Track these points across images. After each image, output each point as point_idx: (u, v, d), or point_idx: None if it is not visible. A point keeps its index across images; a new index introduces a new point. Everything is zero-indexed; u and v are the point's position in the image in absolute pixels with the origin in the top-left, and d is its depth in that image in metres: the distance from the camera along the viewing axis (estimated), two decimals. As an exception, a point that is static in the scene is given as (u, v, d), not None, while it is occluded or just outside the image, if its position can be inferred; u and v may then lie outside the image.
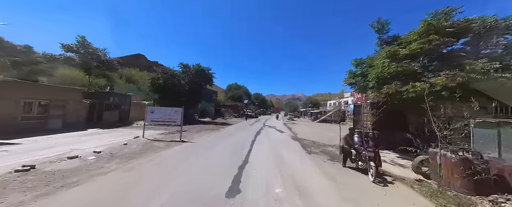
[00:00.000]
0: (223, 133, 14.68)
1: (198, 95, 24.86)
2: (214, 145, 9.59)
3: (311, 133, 18.21)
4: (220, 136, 12.87)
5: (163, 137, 11.34)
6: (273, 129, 20.18)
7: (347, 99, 42.18)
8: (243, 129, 18.63)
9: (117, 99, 17.79)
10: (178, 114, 10.49)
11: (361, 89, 10.65)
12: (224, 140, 11.40)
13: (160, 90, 21.23)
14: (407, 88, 7.35)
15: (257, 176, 5.44)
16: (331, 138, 14.52)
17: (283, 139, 13.38)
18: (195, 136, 12.39)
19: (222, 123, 25.20)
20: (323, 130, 21.29)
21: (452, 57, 7.19)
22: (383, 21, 10.22)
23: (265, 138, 13.30)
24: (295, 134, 16.61)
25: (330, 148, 10.80)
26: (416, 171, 6.12)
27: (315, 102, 75.19)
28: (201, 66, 24.46)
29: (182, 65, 23.96)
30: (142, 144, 8.79)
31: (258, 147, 9.73)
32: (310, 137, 14.97)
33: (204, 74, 24.76)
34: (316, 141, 12.86)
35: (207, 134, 13.71)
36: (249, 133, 15.44)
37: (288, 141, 12.60)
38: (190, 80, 23.73)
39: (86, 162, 5.67)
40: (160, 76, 21.10)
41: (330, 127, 26.83)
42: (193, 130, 15.39)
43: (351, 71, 11.20)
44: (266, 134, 15.79)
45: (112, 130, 13.14)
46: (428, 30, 7.28)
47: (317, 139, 13.99)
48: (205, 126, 19.34)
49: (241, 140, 11.53)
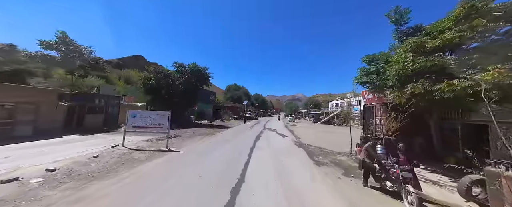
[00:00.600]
0: (219, 138, 13.22)
1: (194, 96, 23.41)
2: (206, 155, 8.12)
3: (316, 137, 16.75)
4: (214, 142, 11.40)
5: (148, 144, 9.87)
6: (274, 133, 18.72)
7: (350, 100, 40.70)
8: (242, 133, 17.17)
9: (104, 101, 16.32)
10: (164, 118, 9.03)
11: (376, 89, 9.20)
12: (218, 147, 9.94)
13: (152, 91, 19.78)
14: (440, 87, 5.92)
15: (256, 205, 3.99)
16: (338, 143, 13.09)
17: (285, 145, 11.92)
18: (186, 142, 10.92)
19: (219, 126, 23.73)
20: (328, 134, 19.82)
21: (502, 48, 5.73)
22: (402, 10, 8.81)
23: (265, 144, 11.84)
24: (298, 138, 15.15)
25: (341, 156, 9.33)
26: (465, 195, 4.66)
27: (316, 103, 73.78)
28: (197, 66, 23.03)
29: (177, 65, 22.51)
30: (118, 156, 7.32)
31: (258, 157, 8.27)
32: (315, 142, 13.51)
33: (200, 74, 23.31)
34: (323, 148, 11.41)
35: (200, 140, 12.24)
36: (248, 138, 13.97)
37: (291, 147, 11.14)
38: (185, 81, 22.29)
39: (24, 188, 4.21)
40: (152, 76, 19.65)
41: (334, 130, 25.38)
42: (185, 135, 13.93)
43: (363, 68, 9.78)
44: (267, 138, 14.33)
45: (93, 136, 11.66)
46: (469, 14, 5.85)
47: (323, 144, 12.53)
48: (200, 130, 17.87)
49: (238, 148, 10.06)
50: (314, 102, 75.12)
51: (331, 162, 8.17)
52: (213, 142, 11.44)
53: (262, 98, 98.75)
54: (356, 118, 32.32)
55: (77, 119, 12.92)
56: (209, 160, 7.32)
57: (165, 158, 7.36)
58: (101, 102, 16.03)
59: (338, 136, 17.69)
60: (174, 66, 22.51)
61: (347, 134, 11.20)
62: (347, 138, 10.85)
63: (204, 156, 7.92)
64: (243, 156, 8.19)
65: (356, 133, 23.56)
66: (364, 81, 9.64)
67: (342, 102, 44.87)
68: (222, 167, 6.57)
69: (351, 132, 11.05)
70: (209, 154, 8.30)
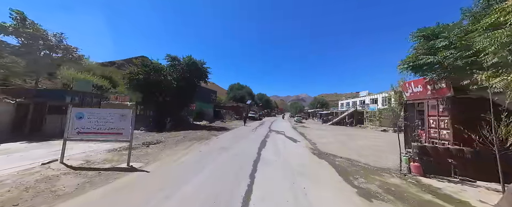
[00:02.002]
0: (213, 145, 10.21)
1: (190, 94, 20.54)
2: (182, 178, 5.12)
3: (335, 141, 13.55)
4: (204, 153, 8.39)
5: (107, 157, 6.94)
6: (282, 136, 15.62)
7: (364, 99, 37.22)
8: (243, 137, 14.13)
9: (79, 98, 13.57)
10: (125, 120, 6.10)
11: (456, 71, 5.92)
12: (206, 162, 6.92)
13: (140, 88, 16.97)
14: None
15: None
16: (369, 151, 9.94)
17: (301, 155, 8.80)
18: (165, 153, 7.94)
19: (218, 128, 20.76)
20: (347, 137, 16.53)
21: None
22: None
23: (273, 154, 8.76)
24: (313, 144, 12.03)
25: (390, 177, 6.17)
26: None
27: (323, 103, 70.19)
28: (193, 59, 20.15)
29: (170, 58, 19.67)
30: (33, 183, 4.39)
31: (264, 181, 5.21)
32: (338, 149, 10.36)
33: (197, 69, 20.42)
34: (354, 160, 8.26)
35: (188, 148, 9.27)
36: (251, 145, 10.93)
37: (310, 160, 8.03)
38: (180, 76, 19.45)
39: None
40: (140, 70, 16.84)
41: (351, 131, 21.93)
42: (171, 140, 10.99)
43: (423, 44, 6.59)
44: (274, 144, 11.25)
45: (45, 143, 8.83)
46: None
47: (351, 154, 9.38)
48: (195, 133, 14.94)
49: (236, 162, 7.02)
50: (321, 102, 71.53)
51: (382, 189, 5.03)
52: (203, 152, 8.43)
53: (266, 98, 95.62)
54: (373, 118, 28.86)
55: (33, 121, 10.13)
56: (183, 192, 4.31)
57: (110, 188, 4.38)
58: (75, 100, 13.27)
59: (363, 140, 14.46)
60: (166, 59, 19.69)
61: (372, 137, 8.05)
62: (375, 141, 7.69)
63: (179, 181, 4.91)
64: (241, 180, 5.14)
65: (378, 135, 20.25)
66: (421, 63, 6.44)
67: (354, 101, 41.39)
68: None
69: (385, 137, 7.90)
70: (188, 177, 5.29)
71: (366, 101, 35.60)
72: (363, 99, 37.20)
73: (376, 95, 32.87)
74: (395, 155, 9.46)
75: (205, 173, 5.64)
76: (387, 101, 29.81)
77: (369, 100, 34.75)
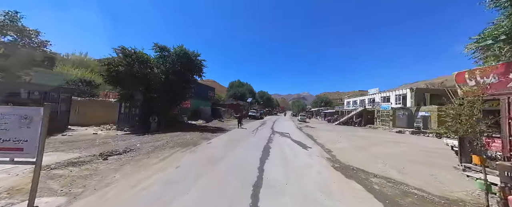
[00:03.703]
0: (200, 155, 7.72)
1: (181, 90, 18.04)
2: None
3: (353, 147, 11.02)
4: (185, 168, 5.89)
5: (17, 183, 4.45)
6: (288, 140, 13.11)
7: (373, 97, 34.57)
8: (242, 142, 11.64)
9: (40, 94, 11.11)
10: (30, 125, 3.54)
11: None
12: (180, 189, 4.42)
13: (120, 82, 14.47)
14: None
15: None
16: (404, 160, 7.35)
17: (319, 173, 6.25)
18: (126, 170, 5.45)
19: (214, 129, 18.29)
20: (366, 141, 13.94)
21: None
22: None
23: (280, 170, 6.25)
24: (329, 152, 9.53)
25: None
26: None
27: (326, 101, 67.51)
28: (185, 49, 17.61)
29: (158, 48, 17.13)
30: None
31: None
32: (364, 161, 7.84)
33: (190, 61, 17.89)
34: (397, 180, 5.72)
35: (163, 160, 6.77)
36: (250, 153, 8.42)
37: (334, 180, 5.50)
38: (169, 69, 16.94)
39: None
40: (120, 60, 14.31)
41: (365, 133, 19.09)
42: (148, 146, 8.51)
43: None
44: (281, 152, 8.74)
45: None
46: None
47: (389, 169, 6.84)
48: (184, 135, 12.48)
49: (228, 188, 4.51)
50: (324, 100, 68.83)
51: None
52: (182, 168, 5.93)
53: (268, 96, 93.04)
54: (386, 118, 26.25)
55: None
56: None
57: None
58: (34, 95, 10.81)
59: (386, 145, 11.89)
60: (153, 49, 17.14)
61: (393, 141, 5.69)
62: (401, 147, 5.22)
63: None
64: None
65: (398, 138, 17.64)
66: None
67: (361, 100, 38.77)
68: None
69: (407, 140, 5.37)
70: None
71: (376, 100, 32.96)
72: (373, 97, 34.55)
73: (388, 93, 30.24)
74: (446, 170, 6.94)
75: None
76: (401, 99, 27.23)
77: (379, 99, 32.10)
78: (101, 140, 9.66)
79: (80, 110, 19.60)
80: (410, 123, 23.87)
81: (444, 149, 11.50)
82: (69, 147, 7.86)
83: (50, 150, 7.04)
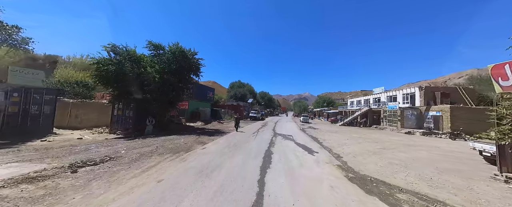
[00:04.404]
0: (190, 164, 6.66)
1: (177, 91, 17.03)
2: None
3: (365, 152, 9.86)
4: (168, 183, 4.84)
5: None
6: (292, 143, 12.01)
7: (379, 96, 33.31)
8: (241, 147, 10.56)
9: (20, 95, 10.14)
10: None
11: None
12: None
13: (111, 82, 13.48)
14: None
15: None
16: (431, 168, 6.14)
17: (332, 188, 5.13)
18: (93, 188, 4.39)
19: (212, 131, 17.25)
20: (378, 144, 12.75)
21: None
22: None
23: (285, 184, 5.17)
24: (339, 158, 8.42)
25: None
26: None
27: (329, 101, 66.21)
28: (181, 47, 16.61)
29: (152, 46, 16.14)
30: None
31: None
32: (383, 170, 6.72)
33: (186, 59, 16.88)
34: (431, 197, 4.62)
35: (143, 173, 5.71)
36: (249, 162, 7.35)
37: (353, 198, 4.39)
38: (164, 69, 15.94)
39: None
40: (110, 59, 13.33)
41: (373, 135, 17.68)
42: (133, 153, 7.45)
43: None
44: (284, 159, 7.64)
45: None
46: None
47: (416, 182, 5.70)
48: (178, 139, 11.44)
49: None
50: (327, 100, 67.52)
51: None
52: (165, 184, 4.86)
53: (269, 96, 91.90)
54: (393, 119, 25.02)
55: None
56: None
57: None
58: (13, 96, 9.85)
59: (401, 149, 10.64)
60: (147, 47, 16.15)
61: (406, 144, 4.78)
62: (418, 151, 4.29)
63: None
64: None
65: (409, 140, 16.42)
66: None
67: (366, 99, 37.54)
68: None
69: (421, 142, 4.21)
70: None
71: (382, 99, 31.69)
72: (378, 96, 33.28)
73: (395, 92, 28.99)
74: (484, 181, 5.77)
75: None
76: (409, 98, 25.99)
77: (385, 98, 30.84)
78: (83, 146, 8.63)
79: (73, 112, 18.72)
80: (419, 123, 22.63)
81: (467, 152, 10.32)
82: (42, 155, 6.84)
83: (14, 160, 6.03)
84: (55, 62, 39.57)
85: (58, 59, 43.17)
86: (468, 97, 22.66)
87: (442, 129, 19.86)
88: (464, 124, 18.60)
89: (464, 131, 17.84)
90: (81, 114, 18.55)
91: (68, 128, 17.40)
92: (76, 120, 18.54)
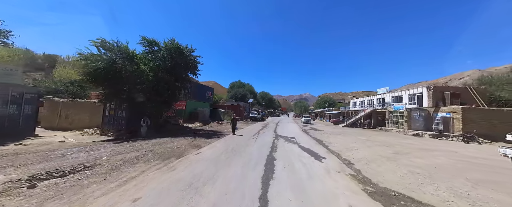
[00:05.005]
0: (178, 175, 5.67)
1: (172, 90, 16.05)
2: None
3: (377, 157, 8.81)
4: (145, 203, 3.85)
5: None
6: (295, 146, 11.00)
7: (383, 96, 32.27)
8: (239, 152, 9.55)
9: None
10: None
11: None
12: None
13: (100, 81, 12.50)
14: None
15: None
16: (460, 178, 5.05)
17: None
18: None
19: (210, 133, 16.23)
20: (389, 148, 11.68)
21: None
22: None
23: (292, 201, 4.16)
24: (350, 164, 7.41)
25: None
26: None
27: (330, 102, 65.16)
28: (177, 44, 15.63)
29: (146, 42, 15.14)
30: None
31: None
32: (405, 181, 5.69)
33: (183, 57, 15.91)
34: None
35: (118, 188, 4.72)
36: (247, 171, 6.34)
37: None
38: (159, 66, 14.97)
39: None
40: (99, 56, 12.33)
41: (380, 137, 16.35)
42: (116, 159, 6.46)
43: None
44: (289, 167, 6.63)
45: None
46: None
47: (450, 198, 4.67)
48: (171, 142, 10.45)
49: None
50: (328, 101, 66.45)
51: None
52: (142, 203, 3.87)
53: (270, 96, 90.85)
54: (400, 120, 23.96)
55: None
56: None
57: None
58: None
59: (417, 154, 9.54)
60: (141, 43, 15.16)
61: (419, 148, 5.11)
62: (435, 157, 4.09)
63: None
64: None
65: (421, 143, 15.26)
66: None
67: (369, 100, 36.51)
68: None
69: (435, 145, 3.11)
70: None
71: (387, 100, 30.63)
72: (382, 97, 32.23)
73: (400, 92, 27.95)
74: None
75: None
76: (416, 98, 24.95)
77: (390, 99, 29.79)
78: (61, 151, 7.64)
79: (63, 113, 17.75)
80: (427, 125, 21.58)
81: (491, 159, 9.29)
82: (7, 163, 5.85)
83: None
84: (54, 61, 38.81)
85: (57, 58, 42.35)
86: (479, 98, 21.59)
87: (453, 131, 18.82)
88: (476, 126, 17.56)
89: (477, 133, 16.79)
90: (72, 114, 17.59)
91: (58, 129, 16.43)
92: (67, 121, 17.59)
